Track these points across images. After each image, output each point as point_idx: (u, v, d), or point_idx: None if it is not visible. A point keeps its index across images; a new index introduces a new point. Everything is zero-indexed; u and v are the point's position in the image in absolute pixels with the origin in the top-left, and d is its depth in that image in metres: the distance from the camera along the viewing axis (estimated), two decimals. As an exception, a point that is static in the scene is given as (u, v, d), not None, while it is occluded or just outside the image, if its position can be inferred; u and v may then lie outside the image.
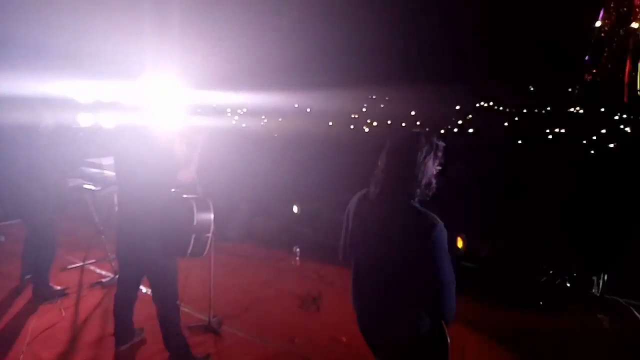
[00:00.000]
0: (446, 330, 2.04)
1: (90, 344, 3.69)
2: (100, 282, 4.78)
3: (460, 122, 61.20)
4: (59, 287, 4.51)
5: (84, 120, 8.67)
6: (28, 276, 4.56)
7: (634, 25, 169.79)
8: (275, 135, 38.84)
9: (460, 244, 5.26)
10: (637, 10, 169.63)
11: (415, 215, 1.88)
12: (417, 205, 1.92)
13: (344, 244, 2.19)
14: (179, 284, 3.32)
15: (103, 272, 5.06)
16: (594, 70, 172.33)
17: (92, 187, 4.89)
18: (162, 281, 3.20)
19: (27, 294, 4.43)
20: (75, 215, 6.26)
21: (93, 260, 5.29)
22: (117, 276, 4.77)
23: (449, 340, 2.04)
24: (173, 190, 3.16)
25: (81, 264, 5.25)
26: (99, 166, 5.17)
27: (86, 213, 5.19)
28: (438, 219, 1.87)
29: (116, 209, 5.11)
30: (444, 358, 2.04)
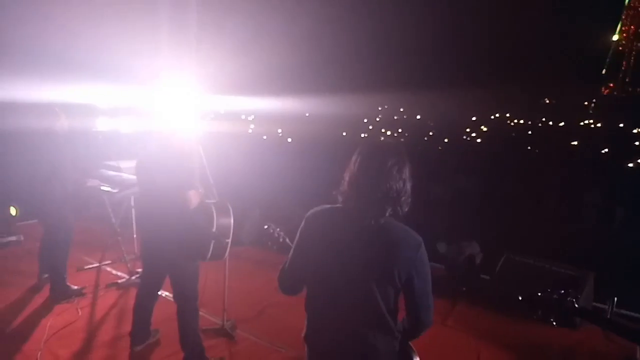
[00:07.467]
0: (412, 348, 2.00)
1: (105, 343, 3.74)
2: (116, 283, 4.84)
3: (474, 134, 60.53)
4: (76, 287, 4.57)
5: (103, 124, 8.88)
6: (46, 275, 4.62)
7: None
8: (289, 140, 38.75)
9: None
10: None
11: (400, 230, 1.79)
12: (393, 219, 1.79)
13: (295, 267, 2.00)
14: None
15: (119, 273, 5.13)
16: (611, 85, 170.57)
17: (110, 189, 4.98)
18: (183, 282, 3.24)
19: (45, 292, 4.51)
20: (93, 217, 6.37)
21: (109, 261, 5.37)
22: (132, 277, 4.87)
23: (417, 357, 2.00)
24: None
25: (97, 264, 5.32)
26: (117, 169, 5.25)
27: (103, 214, 5.27)
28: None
29: (133, 211, 5.22)
30: None
